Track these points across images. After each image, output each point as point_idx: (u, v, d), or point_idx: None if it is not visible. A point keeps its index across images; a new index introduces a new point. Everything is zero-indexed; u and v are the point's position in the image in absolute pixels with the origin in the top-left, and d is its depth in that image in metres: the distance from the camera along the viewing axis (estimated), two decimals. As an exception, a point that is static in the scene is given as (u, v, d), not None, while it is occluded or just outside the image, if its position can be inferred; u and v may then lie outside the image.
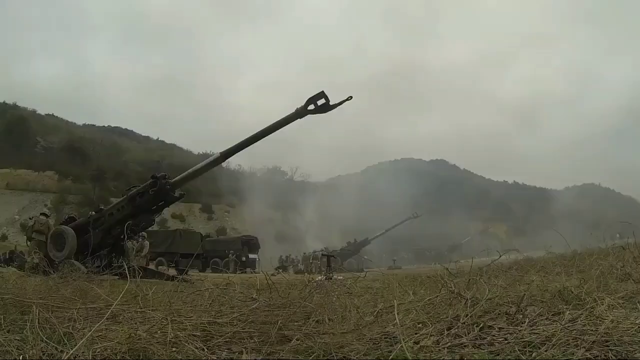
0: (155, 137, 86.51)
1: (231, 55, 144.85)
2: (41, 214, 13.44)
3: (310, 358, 2.10)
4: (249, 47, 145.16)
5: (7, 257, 21.32)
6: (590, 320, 2.19)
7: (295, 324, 2.56)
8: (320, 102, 8.63)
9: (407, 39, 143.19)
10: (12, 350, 2.02)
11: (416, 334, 2.30)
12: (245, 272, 23.23)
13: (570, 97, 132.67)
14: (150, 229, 13.50)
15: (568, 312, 2.36)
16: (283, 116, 9.19)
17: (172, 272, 16.47)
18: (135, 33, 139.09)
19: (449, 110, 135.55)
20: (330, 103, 8.63)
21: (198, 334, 2.27)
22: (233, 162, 64.06)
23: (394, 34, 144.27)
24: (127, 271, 3.05)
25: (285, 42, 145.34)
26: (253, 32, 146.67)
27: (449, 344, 2.12)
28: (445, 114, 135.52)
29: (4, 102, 68.98)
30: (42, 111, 75.67)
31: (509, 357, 1.94)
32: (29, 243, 12.68)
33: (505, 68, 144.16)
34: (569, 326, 2.11)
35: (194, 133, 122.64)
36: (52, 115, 78.36)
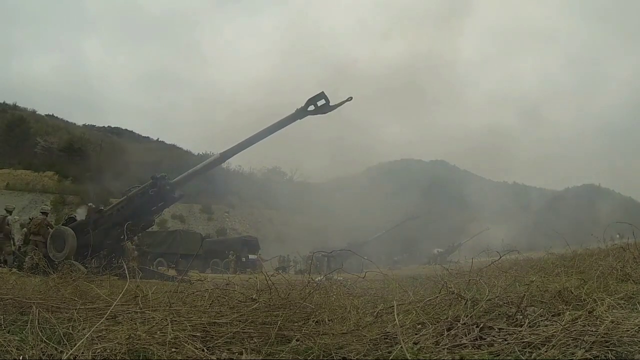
0: (155, 137, 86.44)
1: (231, 52, 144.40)
2: (41, 212, 13.41)
3: (310, 358, 2.10)
4: (250, 43, 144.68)
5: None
6: (590, 320, 2.19)
7: (295, 324, 2.56)
8: (320, 102, 8.63)
9: (408, 38, 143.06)
10: (12, 351, 2.02)
11: (416, 334, 2.30)
12: (246, 272, 23.20)
13: (572, 97, 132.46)
14: (150, 229, 13.50)
15: (568, 312, 2.36)
16: (283, 117, 9.19)
17: (172, 272, 16.48)
18: (133, 28, 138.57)
19: (450, 110, 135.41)
20: (331, 104, 8.63)
21: (198, 334, 2.27)
22: (233, 162, 63.81)
23: (395, 33, 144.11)
24: (126, 272, 3.05)
25: (286, 37, 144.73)
26: (253, 26, 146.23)
27: (449, 344, 2.12)
28: (445, 114, 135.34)
29: (4, 102, 69.04)
30: (41, 111, 75.70)
31: (509, 357, 1.94)
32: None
33: (506, 67, 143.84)
34: (569, 327, 2.11)
35: (194, 133, 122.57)
36: (52, 115, 78.35)
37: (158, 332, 2.20)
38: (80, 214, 12.61)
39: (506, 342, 2.07)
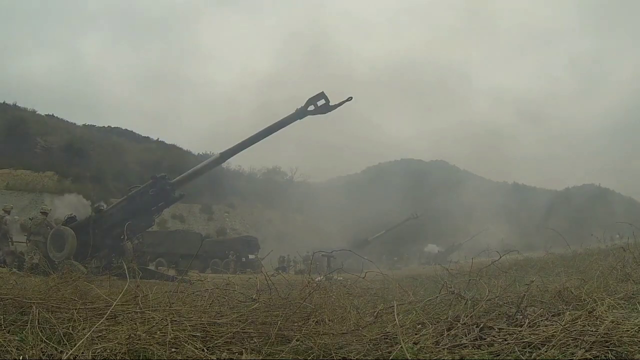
0: (155, 137, 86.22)
1: (231, 52, 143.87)
2: (41, 212, 13.35)
3: (310, 358, 2.10)
4: (250, 42, 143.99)
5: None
6: (590, 320, 2.19)
7: (295, 324, 2.56)
8: (320, 102, 8.65)
9: (409, 37, 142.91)
10: (12, 351, 2.02)
11: (416, 334, 2.30)
12: (246, 272, 23.20)
13: (573, 97, 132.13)
14: (150, 229, 13.50)
15: (568, 312, 2.36)
16: (283, 117, 9.21)
17: (172, 272, 16.48)
18: (133, 27, 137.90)
19: (450, 110, 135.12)
20: (330, 104, 8.65)
21: (198, 334, 2.27)
22: (233, 162, 63.77)
23: (396, 32, 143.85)
24: (126, 272, 3.05)
25: (286, 37, 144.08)
26: (253, 26, 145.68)
27: (449, 344, 2.12)
28: (446, 113, 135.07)
29: (3, 102, 68.98)
30: (41, 111, 75.53)
31: (509, 357, 1.94)
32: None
33: (507, 67, 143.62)
34: (569, 327, 2.11)
35: (194, 133, 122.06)
36: (52, 115, 78.17)
37: (158, 332, 2.20)
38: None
39: (506, 342, 2.07)
